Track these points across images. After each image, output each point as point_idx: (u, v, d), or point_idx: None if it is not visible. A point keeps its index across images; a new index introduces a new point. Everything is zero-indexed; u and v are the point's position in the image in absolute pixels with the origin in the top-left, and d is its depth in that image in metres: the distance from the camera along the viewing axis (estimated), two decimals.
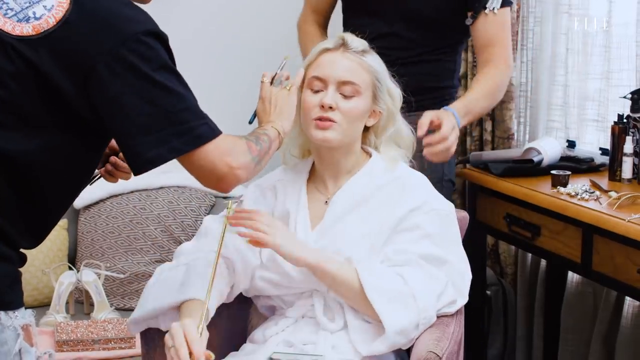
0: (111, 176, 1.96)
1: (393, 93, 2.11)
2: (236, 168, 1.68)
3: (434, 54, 2.57)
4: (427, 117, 2.26)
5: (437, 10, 2.52)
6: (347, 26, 2.62)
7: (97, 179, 1.97)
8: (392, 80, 2.13)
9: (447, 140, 2.24)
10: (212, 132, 1.66)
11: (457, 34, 2.61)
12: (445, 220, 2.05)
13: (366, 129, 2.12)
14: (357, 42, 2.07)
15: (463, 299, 2.03)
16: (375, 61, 2.08)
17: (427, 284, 1.95)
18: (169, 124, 1.60)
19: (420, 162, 2.45)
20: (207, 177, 1.69)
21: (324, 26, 2.78)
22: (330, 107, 2.01)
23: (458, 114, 2.34)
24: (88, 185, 1.82)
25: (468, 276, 2.04)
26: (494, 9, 2.50)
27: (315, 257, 1.94)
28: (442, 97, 2.59)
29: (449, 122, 2.26)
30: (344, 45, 2.06)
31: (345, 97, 2.03)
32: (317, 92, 2.04)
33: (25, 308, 1.64)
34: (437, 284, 1.97)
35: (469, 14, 2.52)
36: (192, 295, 1.91)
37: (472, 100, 2.44)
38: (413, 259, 1.96)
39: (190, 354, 1.70)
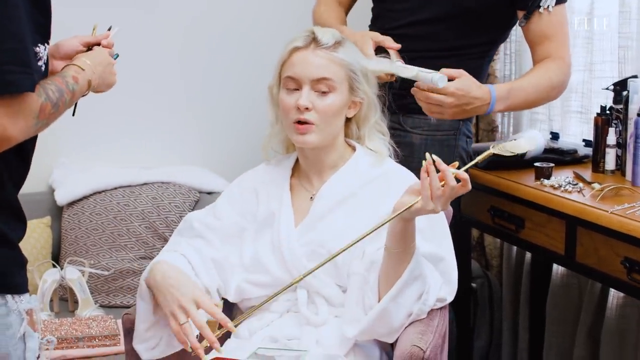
0: None
1: (371, 79, 2.10)
2: (11, 133, 1.50)
3: (463, 51, 2.44)
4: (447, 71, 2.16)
5: (480, 2, 2.37)
6: (377, 9, 2.55)
7: None
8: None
9: (441, 98, 2.15)
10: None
11: (493, 32, 2.47)
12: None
13: (348, 119, 2.12)
14: (327, 37, 2.04)
15: (451, 296, 2.03)
16: (347, 54, 2.06)
17: (432, 282, 1.93)
18: None
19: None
20: None
21: (344, 9, 2.63)
22: (307, 108, 2.01)
23: (497, 95, 2.23)
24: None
25: (456, 275, 2.04)
26: (548, 7, 2.36)
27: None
28: None
29: (461, 83, 2.17)
30: (314, 41, 2.04)
31: (321, 94, 2.02)
32: (292, 92, 2.04)
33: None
34: (437, 284, 1.96)
35: (521, 14, 2.39)
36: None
37: (518, 88, 2.31)
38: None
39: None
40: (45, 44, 1.57)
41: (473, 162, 1.86)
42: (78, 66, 1.67)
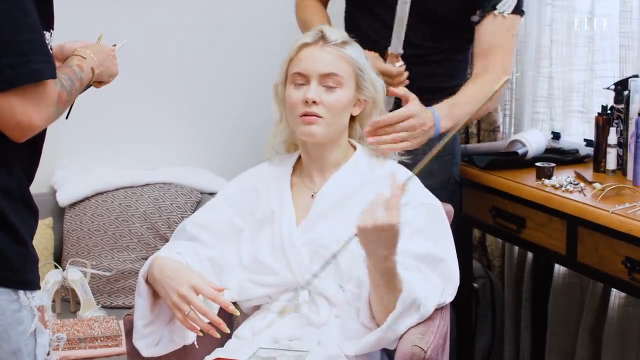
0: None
1: (375, 83, 2.10)
2: (36, 121, 1.56)
3: (445, 53, 2.47)
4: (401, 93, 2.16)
5: (451, 10, 2.41)
6: (351, 21, 2.55)
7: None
8: (375, 73, 2.13)
9: (392, 125, 2.13)
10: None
11: (468, 34, 2.48)
12: (433, 213, 2.05)
13: (352, 119, 2.12)
14: (336, 35, 2.06)
15: (451, 296, 2.02)
16: (355, 52, 2.07)
17: (429, 291, 1.92)
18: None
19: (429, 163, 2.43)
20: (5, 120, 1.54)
21: (324, 3, 2.65)
22: (314, 102, 2.01)
23: (439, 114, 2.25)
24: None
25: (457, 275, 2.03)
26: (503, 12, 2.38)
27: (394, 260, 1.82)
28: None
29: (414, 104, 2.17)
30: (323, 38, 2.05)
31: (329, 89, 2.03)
32: (300, 86, 2.04)
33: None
34: (436, 291, 1.95)
35: (478, 11, 2.42)
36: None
37: (455, 104, 2.31)
38: (413, 264, 1.92)
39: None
40: (50, 31, 1.63)
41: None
42: (79, 56, 1.72)
